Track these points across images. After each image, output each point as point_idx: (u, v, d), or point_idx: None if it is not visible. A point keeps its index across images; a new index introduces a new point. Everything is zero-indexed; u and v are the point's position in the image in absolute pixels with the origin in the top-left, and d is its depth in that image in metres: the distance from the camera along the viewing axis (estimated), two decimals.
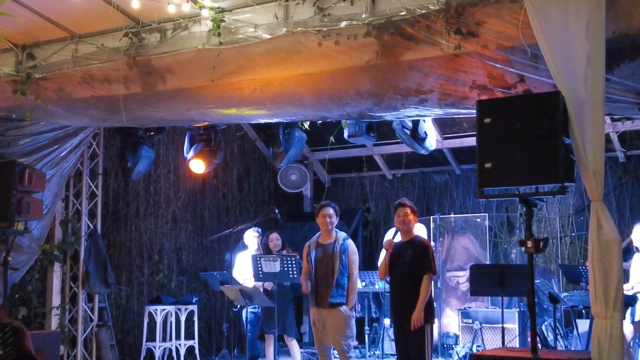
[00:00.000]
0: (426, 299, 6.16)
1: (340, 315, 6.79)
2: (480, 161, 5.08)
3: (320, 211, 7.04)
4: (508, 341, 7.78)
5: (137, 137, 9.10)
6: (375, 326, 9.15)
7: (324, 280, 6.86)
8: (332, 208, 7.03)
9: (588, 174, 4.86)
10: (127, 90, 6.85)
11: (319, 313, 6.89)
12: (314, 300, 6.95)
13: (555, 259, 10.25)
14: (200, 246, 11.46)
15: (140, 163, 9.15)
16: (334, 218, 7.00)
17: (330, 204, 7.09)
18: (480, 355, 5.48)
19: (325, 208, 7.02)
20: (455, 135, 10.96)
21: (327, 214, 6.96)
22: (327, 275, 6.84)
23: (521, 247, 5.12)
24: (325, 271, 6.87)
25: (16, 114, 7.60)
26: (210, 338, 11.10)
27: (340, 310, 6.79)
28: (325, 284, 6.85)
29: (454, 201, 11.52)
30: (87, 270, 9.38)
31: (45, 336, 7.76)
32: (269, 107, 6.90)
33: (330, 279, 6.81)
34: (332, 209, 7.02)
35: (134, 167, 9.07)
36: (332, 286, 6.78)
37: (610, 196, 9.93)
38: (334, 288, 6.78)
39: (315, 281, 6.92)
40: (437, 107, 6.20)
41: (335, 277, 6.79)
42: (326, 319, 6.85)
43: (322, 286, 6.88)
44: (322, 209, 7.03)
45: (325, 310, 6.84)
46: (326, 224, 6.95)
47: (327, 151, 9.50)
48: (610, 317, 4.75)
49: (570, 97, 4.89)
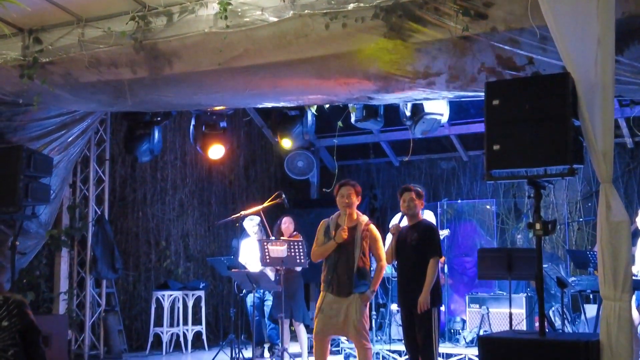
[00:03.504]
0: (432, 283, 6.13)
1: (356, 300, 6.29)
2: (488, 143, 5.05)
3: (338, 190, 6.51)
4: (515, 325, 7.77)
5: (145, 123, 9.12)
6: (382, 311, 9.15)
7: (345, 268, 6.35)
8: (350, 187, 6.45)
9: (597, 155, 4.83)
10: (134, 75, 6.84)
11: (334, 301, 6.34)
12: (331, 287, 6.39)
13: (563, 244, 10.23)
14: (207, 233, 11.48)
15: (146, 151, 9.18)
16: (353, 198, 6.42)
17: (349, 182, 6.52)
18: (488, 338, 5.47)
19: (344, 187, 6.47)
20: (463, 121, 10.91)
21: (346, 194, 6.42)
22: (347, 262, 6.36)
23: (529, 229, 5.10)
24: (345, 257, 6.37)
25: (23, 98, 7.60)
26: (218, 324, 11.13)
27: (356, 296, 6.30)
28: (346, 271, 6.34)
29: (461, 188, 11.49)
30: (94, 256, 9.42)
31: (53, 320, 7.80)
32: (275, 91, 6.88)
33: (351, 266, 6.33)
34: (351, 187, 6.45)
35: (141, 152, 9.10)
36: (353, 274, 6.32)
37: (619, 182, 9.88)
38: (355, 276, 6.32)
39: (335, 267, 6.40)
40: (445, 89, 6.18)
41: (356, 265, 6.33)
42: (340, 305, 6.32)
43: (341, 273, 6.36)
44: (341, 188, 6.49)
45: (342, 298, 6.33)
46: (344, 204, 6.41)
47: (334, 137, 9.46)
48: (619, 299, 4.74)
49: (580, 79, 4.86)
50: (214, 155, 9.81)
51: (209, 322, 10.80)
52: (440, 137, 11.20)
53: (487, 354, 5.09)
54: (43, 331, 2.84)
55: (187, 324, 10.05)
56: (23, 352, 2.61)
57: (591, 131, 4.81)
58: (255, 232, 9.09)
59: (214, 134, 9.49)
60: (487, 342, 5.19)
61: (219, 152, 9.77)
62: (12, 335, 2.58)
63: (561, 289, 7.59)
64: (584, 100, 4.83)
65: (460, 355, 8.07)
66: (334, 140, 9.28)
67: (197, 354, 9.86)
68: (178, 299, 10.02)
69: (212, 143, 9.64)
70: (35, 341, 2.69)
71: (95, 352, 9.35)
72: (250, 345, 8.83)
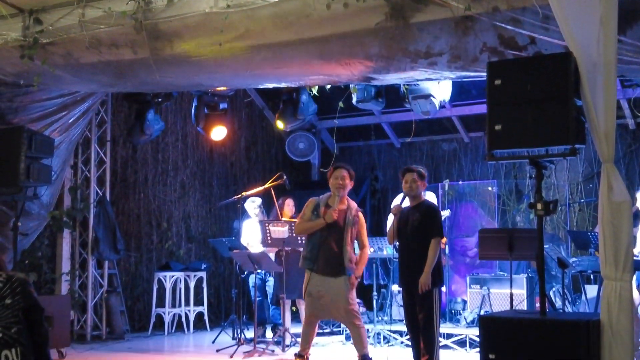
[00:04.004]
0: (434, 263, 6.15)
1: (342, 283, 6.48)
2: (490, 123, 5.04)
3: (333, 172, 6.65)
4: (516, 305, 7.80)
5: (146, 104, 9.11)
6: (384, 292, 9.19)
7: (332, 248, 6.51)
8: (345, 170, 6.63)
9: (599, 135, 4.83)
10: (135, 55, 6.81)
11: (320, 281, 6.52)
12: (316, 267, 6.53)
13: (564, 226, 10.24)
14: (208, 214, 11.50)
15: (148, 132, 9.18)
16: (347, 181, 6.59)
17: (344, 166, 6.70)
18: (489, 317, 5.49)
19: (339, 169, 6.63)
20: (464, 103, 10.89)
21: (340, 176, 6.58)
22: (335, 243, 6.51)
23: (531, 209, 5.10)
24: (333, 238, 6.52)
25: (24, 79, 7.58)
26: (219, 305, 11.18)
27: (343, 279, 6.48)
28: (332, 252, 6.51)
29: (462, 169, 11.49)
30: (96, 237, 9.44)
31: (56, 300, 7.83)
32: (277, 71, 6.86)
33: (339, 247, 6.50)
34: (345, 171, 6.62)
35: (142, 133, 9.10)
36: (341, 256, 6.49)
37: (620, 163, 9.87)
38: (342, 258, 6.49)
39: (320, 246, 6.55)
40: (447, 70, 6.15)
41: (344, 247, 6.50)
42: (326, 287, 6.51)
43: (328, 253, 6.52)
44: (336, 170, 6.64)
45: (327, 278, 6.50)
46: (337, 186, 6.56)
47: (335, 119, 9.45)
48: (620, 278, 4.75)
49: (582, 59, 4.84)
50: (216, 136, 9.82)
51: (211, 303, 10.85)
52: (442, 119, 11.18)
53: (488, 333, 5.11)
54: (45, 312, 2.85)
55: (189, 305, 10.10)
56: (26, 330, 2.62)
57: (593, 111, 4.80)
58: (257, 213, 9.11)
59: (215, 115, 9.49)
60: (487, 322, 5.21)
61: (221, 133, 9.78)
62: (15, 313, 2.59)
63: (562, 270, 7.61)
64: (586, 80, 4.82)
65: (461, 335, 8.11)
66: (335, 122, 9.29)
67: (199, 334, 9.91)
68: (180, 280, 10.05)
69: (214, 124, 9.65)
70: (39, 319, 2.70)
71: (97, 332, 9.39)
72: (251, 326, 8.88)
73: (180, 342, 9.36)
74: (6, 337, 2.52)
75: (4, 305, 2.56)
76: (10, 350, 2.52)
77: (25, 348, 2.55)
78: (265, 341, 8.44)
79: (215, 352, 8.17)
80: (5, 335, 2.52)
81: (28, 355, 2.57)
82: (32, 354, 2.59)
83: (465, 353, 7.90)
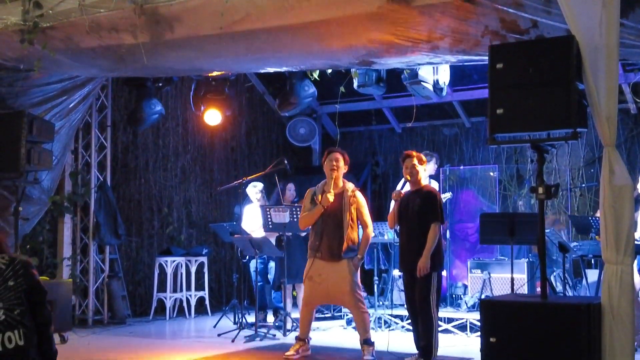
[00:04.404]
0: (433, 247, 6.17)
1: (345, 267, 6.55)
2: (492, 107, 5.04)
3: (327, 156, 6.77)
4: (516, 289, 7.82)
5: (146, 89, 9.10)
6: (384, 277, 9.21)
7: (332, 233, 6.57)
8: (339, 154, 6.75)
9: (601, 119, 4.83)
10: (135, 40, 6.78)
11: (322, 267, 6.60)
12: (319, 253, 6.62)
13: (565, 210, 10.25)
14: (209, 199, 11.50)
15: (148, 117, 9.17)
16: (340, 163, 6.70)
17: (338, 150, 6.83)
18: (490, 301, 5.50)
19: (333, 153, 6.75)
20: (465, 87, 10.87)
21: (334, 159, 6.69)
22: (335, 227, 6.57)
23: (532, 193, 5.10)
24: (333, 222, 6.59)
25: (24, 64, 7.55)
26: (220, 289, 11.21)
27: (347, 262, 6.56)
28: (333, 237, 6.57)
29: (464, 154, 11.47)
30: (97, 222, 9.45)
31: (58, 286, 7.84)
32: (278, 55, 6.83)
33: (339, 231, 6.55)
34: (339, 154, 6.75)
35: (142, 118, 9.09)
36: (342, 239, 6.54)
37: (622, 148, 9.85)
38: (343, 241, 6.54)
39: (321, 232, 6.63)
40: (449, 53, 6.13)
41: (344, 229, 6.56)
42: (329, 272, 6.58)
43: (329, 238, 6.59)
44: (330, 154, 6.76)
45: (330, 263, 6.58)
46: (332, 168, 6.66)
47: (336, 104, 9.43)
48: (621, 262, 4.76)
49: (584, 42, 4.83)
50: (210, 120, 9.73)
51: (212, 287, 10.88)
52: (443, 104, 11.15)
53: (489, 317, 5.13)
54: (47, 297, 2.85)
55: (190, 290, 10.13)
56: (29, 312, 2.62)
57: (595, 94, 4.80)
58: (259, 198, 9.12)
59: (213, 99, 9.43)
60: (488, 306, 5.23)
61: (215, 117, 9.67)
62: (18, 295, 2.59)
63: (563, 254, 7.63)
64: (588, 63, 4.81)
65: (462, 319, 8.13)
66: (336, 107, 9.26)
67: (201, 319, 9.94)
68: (181, 264, 10.07)
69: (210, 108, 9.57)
70: (41, 301, 2.70)
71: (99, 317, 9.42)
72: (253, 311, 8.91)
73: (181, 327, 9.40)
74: (9, 318, 2.52)
75: (6, 287, 2.56)
76: (14, 331, 2.52)
77: (28, 330, 2.56)
78: (267, 326, 8.47)
79: (216, 337, 8.20)
80: (9, 317, 2.53)
81: (31, 336, 2.57)
82: (35, 335, 2.60)
83: (466, 337, 7.93)
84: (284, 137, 12.23)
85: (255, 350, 7.34)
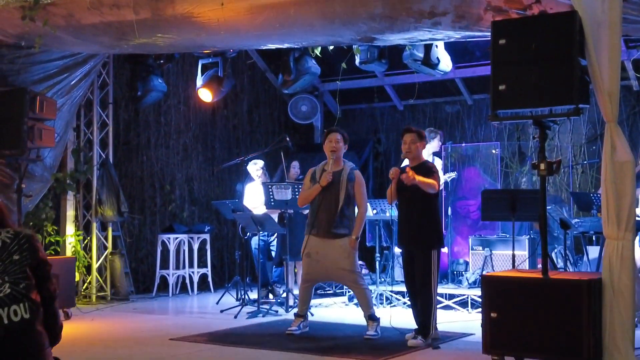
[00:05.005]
0: (426, 183, 6.13)
1: (343, 245, 6.59)
2: (494, 83, 5.04)
3: (327, 136, 6.81)
4: (517, 265, 7.85)
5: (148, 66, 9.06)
6: (386, 254, 9.24)
7: (328, 210, 6.62)
8: (339, 134, 6.77)
9: (603, 95, 4.83)
10: (137, 16, 6.77)
11: (318, 243, 6.64)
12: (314, 229, 6.67)
13: (567, 187, 10.25)
14: (211, 177, 11.51)
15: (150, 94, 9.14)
16: (340, 144, 6.74)
17: (338, 130, 6.85)
18: (491, 276, 5.54)
19: (332, 133, 6.78)
20: (468, 64, 10.82)
21: (334, 139, 6.71)
22: (330, 205, 6.61)
23: (534, 170, 5.11)
24: (329, 200, 6.62)
25: (25, 41, 7.54)
26: (223, 266, 11.25)
27: (343, 240, 6.60)
28: (328, 213, 6.61)
29: (466, 131, 11.45)
30: (100, 199, 9.47)
31: (61, 262, 7.88)
32: (279, 32, 6.81)
33: (334, 208, 6.60)
34: (339, 134, 6.77)
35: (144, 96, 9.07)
36: (337, 216, 6.59)
37: (624, 125, 9.83)
38: (337, 218, 6.60)
39: (317, 209, 6.67)
40: (451, 29, 6.10)
41: (340, 207, 6.60)
42: (326, 250, 6.62)
43: (324, 215, 6.63)
44: (329, 134, 6.80)
45: (326, 240, 6.62)
46: (331, 149, 6.68)
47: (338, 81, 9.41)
48: (622, 237, 4.79)
49: (587, 18, 4.83)
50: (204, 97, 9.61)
51: (215, 264, 10.92)
52: (445, 81, 11.12)
53: (490, 292, 5.16)
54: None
55: (193, 267, 10.17)
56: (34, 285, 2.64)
57: (597, 70, 4.80)
58: (259, 175, 9.13)
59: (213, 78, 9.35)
60: (489, 281, 5.27)
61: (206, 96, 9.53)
62: (23, 269, 2.61)
63: (564, 231, 7.64)
64: (591, 39, 4.81)
65: (463, 296, 8.17)
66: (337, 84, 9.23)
67: (203, 295, 9.99)
68: (183, 242, 10.11)
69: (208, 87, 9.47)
70: (46, 275, 2.72)
71: (102, 293, 9.48)
72: (255, 287, 8.96)
73: (184, 304, 9.45)
74: (15, 292, 2.55)
75: (12, 261, 2.58)
76: (19, 305, 2.55)
77: (34, 303, 2.59)
78: (269, 302, 8.52)
79: (219, 313, 8.25)
80: (14, 290, 2.55)
81: (37, 310, 2.60)
82: (40, 309, 2.62)
83: (467, 313, 7.98)
84: (286, 115, 12.21)
85: (257, 326, 7.39)
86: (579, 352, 4.75)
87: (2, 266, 2.56)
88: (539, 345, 4.90)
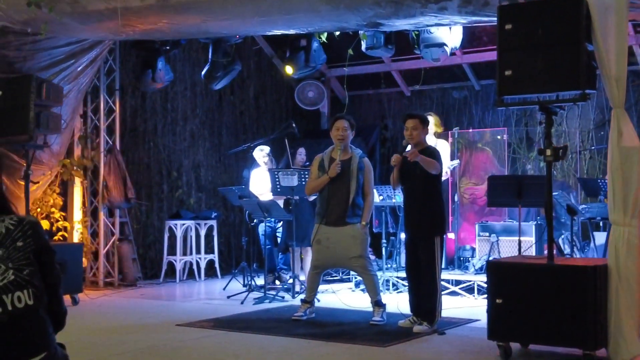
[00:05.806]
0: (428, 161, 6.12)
1: (355, 231, 6.58)
2: (500, 68, 5.02)
3: (334, 123, 6.76)
4: (524, 251, 7.84)
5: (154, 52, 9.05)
6: (393, 240, 9.24)
7: (339, 200, 6.60)
8: (346, 121, 6.70)
9: (610, 80, 4.80)
10: (142, 2, 6.75)
11: (329, 231, 6.63)
12: (325, 219, 6.65)
13: (574, 173, 10.22)
14: (218, 163, 11.52)
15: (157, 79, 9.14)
16: (348, 131, 6.67)
17: (345, 116, 6.79)
18: (497, 262, 5.53)
19: (339, 120, 6.72)
20: (475, 49, 10.77)
21: (341, 127, 6.65)
22: (342, 195, 6.59)
23: (540, 155, 5.09)
24: (340, 190, 6.60)
25: (31, 27, 7.54)
26: (230, 252, 11.28)
27: (355, 227, 6.58)
28: (340, 203, 6.59)
29: (473, 117, 11.41)
30: (107, 185, 9.48)
31: (69, 248, 7.92)
32: (285, 17, 6.79)
33: (345, 198, 6.58)
34: (346, 121, 6.69)
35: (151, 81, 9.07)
36: (349, 206, 6.58)
37: (631, 110, 9.78)
38: (349, 208, 6.58)
39: (328, 199, 6.65)
40: (457, 15, 6.07)
41: (351, 197, 6.58)
42: (338, 237, 6.60)
43: (336, 206, 6.61)
44: (336, 121, 6.74)
45: (337, 228, 6.60)
46: (338, 137, 6.65)
47: (345, 67, 9.37)
48: (629, 224, 4.77)
49: (594, 2, 4.79)
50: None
51: (221, 251, 10.95)
52: (452, 66, 11.07)
53: (496, 278, 5.16)
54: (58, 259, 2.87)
55: (200, 253, 10.20)
56: (38, 272, 2.65)
57: (604, 55, 4.76)
58: (266, 161, 9.13)
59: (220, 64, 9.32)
60: (495, 267, 5.26)
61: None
62: (26, 255, 2.61)
63: (571, 217, 7.62)
64: (598, 24, 4.77)
65: (469, 282, 8.17)
66: (344, 70, 9.18)
67: (210, 281, 10.03)
68: (190, 228, 10.13)
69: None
70: (50, 261, 2.72)
71: (110, 279, 9.52)
72: (261, 274, 8.98)
73: (191, 289, 9.49)
74: (19, 278, 2.55)
75: (15, 247, 2.58)
76: (23, 291, 2.55)
77: (38, 289, 2.59)
78: (275, 288, 8.54)
79: (226, 299, 8.28)
80: (18, 277, 2.55)
81: (40, 296, 2.60)
82: (44, 295, 2.63)
83: (473, 299, 7.98)
84: (293, 101, 12.19)
85: (264, 312, 7.41)
86: (584, 338, 4.75)
87: (6, 253, 2.56)
88: (544, 332, 4.90)
